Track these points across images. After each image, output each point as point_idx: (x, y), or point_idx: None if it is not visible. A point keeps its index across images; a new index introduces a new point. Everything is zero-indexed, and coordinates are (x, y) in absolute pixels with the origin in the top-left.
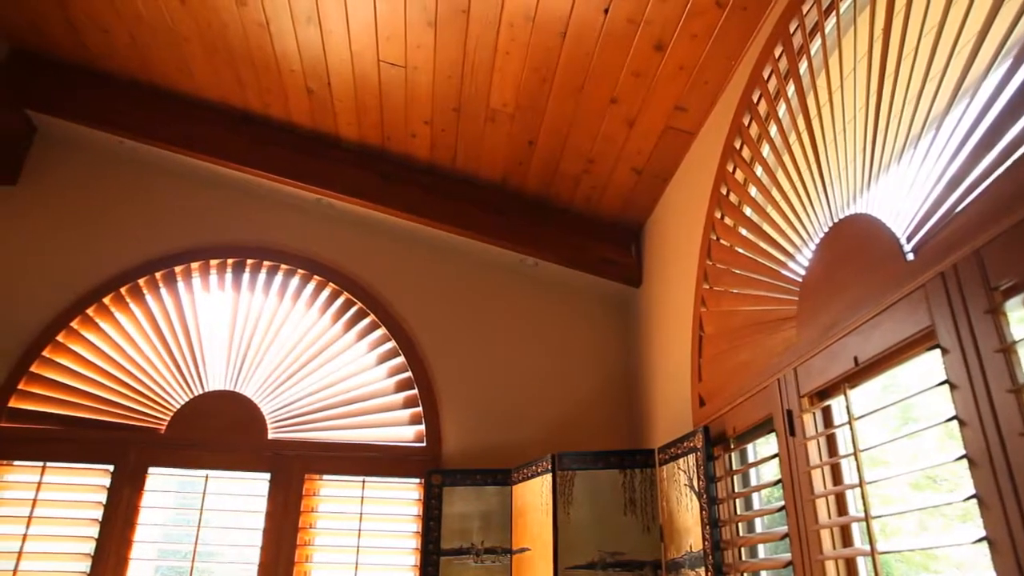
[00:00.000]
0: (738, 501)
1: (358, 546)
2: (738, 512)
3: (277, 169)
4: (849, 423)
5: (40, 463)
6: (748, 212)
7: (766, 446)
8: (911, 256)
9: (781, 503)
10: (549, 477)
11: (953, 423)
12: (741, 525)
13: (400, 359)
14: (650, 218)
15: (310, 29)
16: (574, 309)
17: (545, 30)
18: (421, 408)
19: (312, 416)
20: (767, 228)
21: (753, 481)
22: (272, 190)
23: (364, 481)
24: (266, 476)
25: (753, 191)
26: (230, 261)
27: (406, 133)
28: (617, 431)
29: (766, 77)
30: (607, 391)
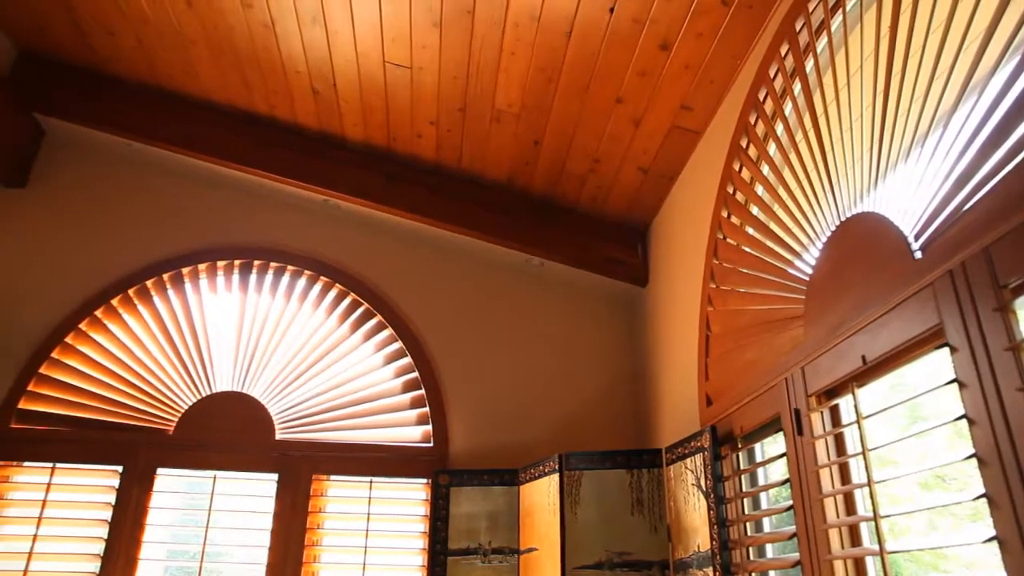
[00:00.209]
0: (746, 501)
1: (365, 546)
2: (746, 512)
3: (283, 170)
4: (857, 422)
5: (50, 464)
6: (755, 211)
7: (774, 445)
8: (919, 254)
9: (789, 503)
10: (556, 477)
11: (962, 422)
12: (749, 525)
13: (407, 359)
14: (656, 217)
15: (315, 30)
16: (580, 309)
17: (550, 30)
18: (428, 408)
19: (319, 417)
20: (774, 227)
21: (761, 480)
22: (278, 191)
23: (371, 481)
24: (274, 477)
25: (760, 190)
26: (237, 262)
27: (412, 134)
28: (624, 431)
29: (772, 76)
30: (614, 391)
